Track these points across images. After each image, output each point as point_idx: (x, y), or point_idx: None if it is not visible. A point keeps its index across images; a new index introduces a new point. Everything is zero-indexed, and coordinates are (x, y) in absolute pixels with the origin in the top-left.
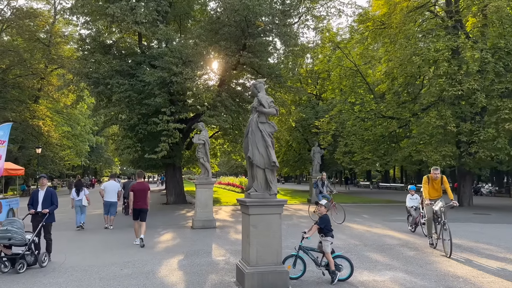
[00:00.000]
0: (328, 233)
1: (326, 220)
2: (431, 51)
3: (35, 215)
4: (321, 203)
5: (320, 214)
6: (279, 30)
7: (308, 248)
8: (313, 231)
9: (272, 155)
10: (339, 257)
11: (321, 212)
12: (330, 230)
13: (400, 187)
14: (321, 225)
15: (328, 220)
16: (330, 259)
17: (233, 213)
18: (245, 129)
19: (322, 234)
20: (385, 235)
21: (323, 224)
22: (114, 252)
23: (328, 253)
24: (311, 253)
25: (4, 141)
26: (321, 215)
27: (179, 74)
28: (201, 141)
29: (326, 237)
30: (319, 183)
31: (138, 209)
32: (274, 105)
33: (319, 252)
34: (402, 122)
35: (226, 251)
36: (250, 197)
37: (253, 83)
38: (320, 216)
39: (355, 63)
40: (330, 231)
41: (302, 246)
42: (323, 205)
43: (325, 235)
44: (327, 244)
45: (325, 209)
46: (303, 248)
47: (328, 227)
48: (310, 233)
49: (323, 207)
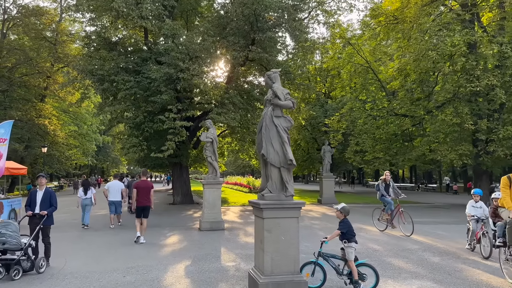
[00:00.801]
0: (352, 238)
1: (348, 224)
2: (448, 45)
3: (32, 217)
4: (337, 207)
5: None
6: (289, 24)
7: (328, 254)
8: (334, 236)
9: (288, 152)
10: (363, 265)
11: (338, 217)
12: (353, 235)
13: (410, 187)
14: (343, 229)
15: (350, 224)
16: (353, 268)
17: (242, 214)
18: (258, 123)
19: (345, 240)
20: (404, 238)
21: (345, 228)
22: (118, 256)
23: (351, 261)
24: (331, 260)
25: (5, 139)
26: (341, 219)
27: (186, 70)
28: (208, 139)
29: (350, 243)
30: (381, 185)
31: (141, 207)
32: (291, 97)
33: (341, 259)
34: (416, 120)
35: (236, 256)
36: (264, 199)
37: (267, 73)
38: (340, 220)
39: (366, 59)
40: (353, 237)
41: (322, 253)
42: (338, 210)
43: (348, 241)
44: (351, 251)
45: (342, 215)
46: (323, 255)
47: (351, 232)
48: (329, 237)
49: (339, 212)
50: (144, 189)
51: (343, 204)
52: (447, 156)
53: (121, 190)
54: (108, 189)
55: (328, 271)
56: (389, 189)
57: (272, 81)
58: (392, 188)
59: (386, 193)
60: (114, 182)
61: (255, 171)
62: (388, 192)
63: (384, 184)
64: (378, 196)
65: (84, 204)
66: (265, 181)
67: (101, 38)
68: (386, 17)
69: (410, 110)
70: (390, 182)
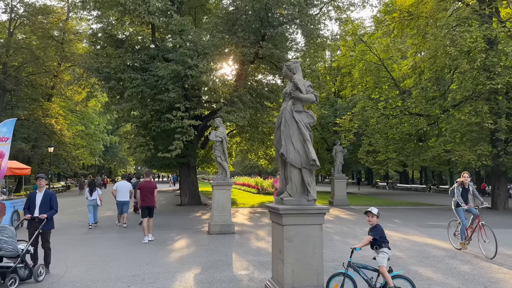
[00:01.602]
0: (384, 244)
1: (381, 230)
2: (467, 40)
3: (31, 221)
4: (372, 211)
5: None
6: (302, 19)
7: (359, 265)
8: (365, 243)
9: (311, 151)
10: (398, 277)
11: (372, 223)
12: (386, 241)
13: (421, 189)
14: (376, 236)
15: (383, 231)
16: (386, 275)
17: (252, 216)
18: (277, 119)
19: (377, 246)
20: (427, 244)
21: (377, 234)
22: (122, 261)
23: (383, 267)
24: (363, 272)
25: (7, 138)
26: (373, 225)
27: (195, 67)
28: (218, 138)
29: (382, 248)
30: (457, 190)
31: (146, 207)
32: (313, 90)
33: (374, 270)
34: (431, 120)
35: (248, 263)
36: (283, 203)
37: (287, 63)
38: (372, 226)
39: (379, 56)
40: (386, 242)
41: (352, 263)
42: (375, 214)
43: (380, 247)
44: (383, 256)
45: (377, 219)
46: (353, 265)
47: (384, 238)
48: (360, 244)
49: (375, 216)
50: (147, 189)
51: (375, 208)
52: (465, 157)
53: (129, 190)
54: (116, 189)
55: (359, 283)
56: (467, 195)
57: (292, 72)
58: (472, 195)
59: (464, 200)
60: (122, 183)
61: (262, 171)
62: (467, 200)
63: (461, 189)
64: (454, 204)
65: (91, 205)
66: (284, 183)
67: (107, 35)
68: (400, 13)
69: (426, 109)
70: (469, 186)
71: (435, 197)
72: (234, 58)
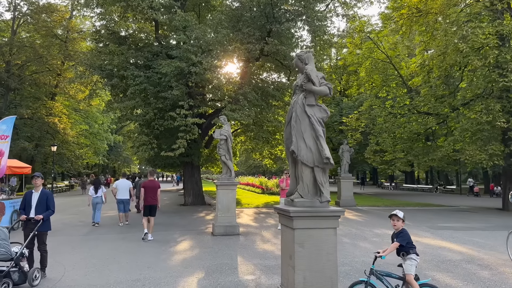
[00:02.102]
0: (411, 250)
1: (408, 235)
2: (479, 36)
3: (27, 222)
4: (398, 214)
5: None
6: (308, 14)
7: (383, 272)
8: (392, 249)
9: (324, 148)
10: (426, 285)
11: (397, 227)
12: (413, 246)
13: (428, 189)
14: (403, 242)
15: (409, 236)
16: (414, 285)
17: (257, 217)
18: (287, 114)
19: (403, 253)
20: (440, 247)
21: (404, 240)
22: (123, 265)
23: (410, 275)
24: (386, 280)
25: (7, 136)
26: (399, 230)
27: (198, 64)
28: (222, 136)
29: (410, 255)
30: None
31: (148, 205)
32: (326, 81)
33: (399, 278)
34: (440, 118)
35: (255, 267)
36: (294, 205)
37: (298, 53)
38: (397, 231)
39: (387, 54)
40: (414, 248)
41: (375, 270)
42: (400, 218)
43: (407, 253)
44: (411, 264)
45: (403, 223)
46: (376, 273)
47: (411, 244)
48: (386, 251)
49: (400, 220)
50: (151, 188)
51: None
52: (476, 157)
53: (129, 188)
54: (116, 187)
55: None
56: None
57: (304, 63)
58: None
59: None
60: (122, 181)
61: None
62: None
63: None
64: None
65: (95, 203)
66: (295, 183)
67: (110, 32)
68: (408, 9)
69: (435, 107)
70: None
71: (442, 197)
72: (239, 55)
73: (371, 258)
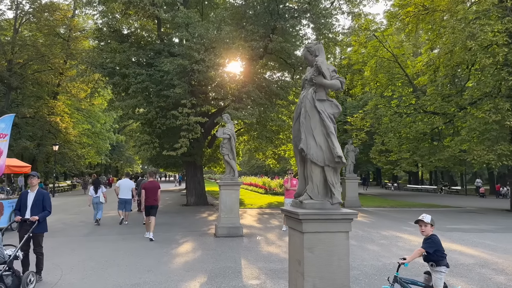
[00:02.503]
0: (441, 261)
1: (437, 242)
2: (488, 34)
3: (22, 223)
4: (424, 219)
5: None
6: (314, 11)
7: (407, 280)
8: (416, 256)
9: (336, 146)
10: None
11: (426, 233)
12: (443, 257)
13: (432, 190)
14: (429, 249)
15: (440, 243)
16: None
17: (260, 218)
18: (295, 110)
19: (433, 263)
20: (451, 250)
21: (432, 247)
22: (122, 268)
23: None
24: None
25: (6, 135)
26: (428, 236)
27: (201, 61)
28: (226, 135)
29: (439, 266)
30: None
31: (149, 206)
32: (337, 75)
33: (425, 287)
34: (447, 118)
35: (259, 271)
36: (302, 207)
37: (307, 45)
38: (426, 237)
39: (393, 52)
40: (443, 259)
41: (399, 278)
42: (428, 223)
43: (436, 264)
44: (440, 278)
45: (431, 228)
46: (400, 280)
47: (441, 252)
48: (410, 258)
49: (428, 225)
50: (151, 189)
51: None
52: (484, 157)
53: (131, 188)
54: (119, 187)
55: None
56: None
57: (314, 55)
58: None
59: None
60: (125, 181)
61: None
62: None
63: None
64: None
65: (95, 203)
66: (303, 183)
67: (112, 30)
68: (415, 6)
69: (442, 106)
70: None
71: (447, 198)
72: (243, 53)
73: (381, 262)
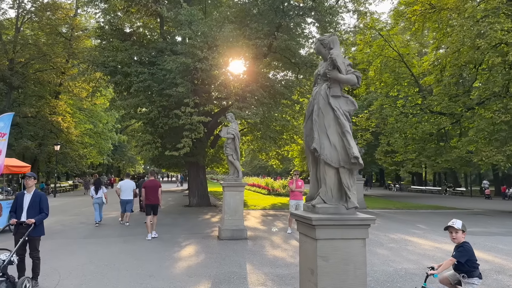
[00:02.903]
0: (474, 271)
1: (470, 251)
2: (498, 32)
3: (18, 226)
4: (454, 225)
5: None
6: (318, 9)
7: None
8: (446, 266)
9: (352, 146)
10: None
11: (457, 240)
12: (476, 267)
13: (436, 191)
14: (461, 258)
15: (472, 252)
16: None
17: (264, 219)
18: (307, 107)
19: (464, 275)
20: None
21: (463, 256)
22: (122, 272)
23: None
24: None
25: (4, 134)
26: (459, 243)
27: (205, 60)
28: (230, 135)
29: (471, 278)
30: None
31: (151, 205)
32: (353, 69)
33: None
34: (454, 118)
35: (266, 277)
36: (315, 211)
37: (320, 38)
38: (457, 245)
39: (399, 52)
40: (476, 269)
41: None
42: (459, 229)
43: (468, 275)
44: None
45: (463, 234)
46: None
47: (473, 262)
48: (441, 268)
49: (460, 231)
50: (152, 188)
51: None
52: (493, 158)
53: (132, 189)
54: (120, 188)
55: None
56: None
57: (327, 47)
58: None
59: None
60: (126, 181)
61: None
62: None
63: None
64: None
65: (96, 203)
66: (316, 186)
67: (114, 29)
68: (422, 5)
69: (449, 106)
70: None
71: (452, 200)
72: (247, 51)
73: (391, 268)
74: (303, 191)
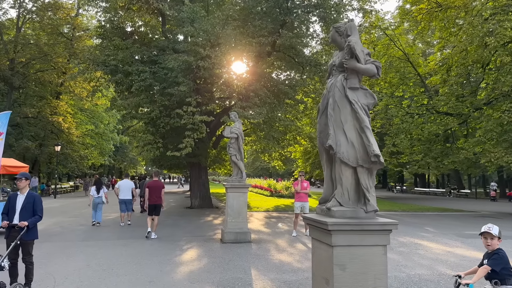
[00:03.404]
0: (508, 279)
1: (504, 258)
2: (508, 30)
3: (10, 229)
4: (491, 231)
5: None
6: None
7: None
8: (479, 276)
9: (372, 143)
10: None
11: (492, 247)
12: (511, 274)
13: (440, 193)
14: (496, 267)
15: (507, 259)
16: None
17: (268, 222)
18: (321, 100)
19: (497, 281)
20: (478, 258)
21: (498, 264)
22: (121, 278)
23: None
24: None
25: (1, 133)
26: (493, 250)
27: (207, 58)
28: (233, 134)
29: (505, 285)
30: None
31: (153, 205)
32: (372, 58)
33: None
34: (461, 119)
35: (272, 283)
36: (331, 215)
37: (335, 25)
38: (491, 252)
39: (404, 51)
40: (511, 277)
41: None
42: (495, 236)
43: (502, 282)
44: None
45: (498, 241)
46: None
47: (508, 270)
48: (475, 278)
49: (495, 238)
50: (155, 188)
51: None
52: (502, 159)
53: (131, 189)
54: (119, 187)
55: None
56: None
57: (344, 35)
58: None
59: None
60: (125, 181)
61: (273, 173)
62: None
63: None
64: None
65: (96, 203)
66: (330, 187)
67: (115, 26)
68: (428, 3)
69: (456, 106)
70: None
71: (458, 202)
72: (250, 50)
73: (404, 273)
74: (308, 193)
